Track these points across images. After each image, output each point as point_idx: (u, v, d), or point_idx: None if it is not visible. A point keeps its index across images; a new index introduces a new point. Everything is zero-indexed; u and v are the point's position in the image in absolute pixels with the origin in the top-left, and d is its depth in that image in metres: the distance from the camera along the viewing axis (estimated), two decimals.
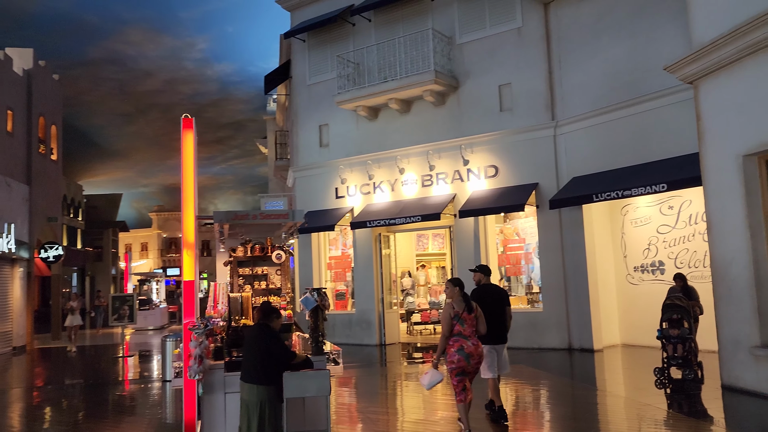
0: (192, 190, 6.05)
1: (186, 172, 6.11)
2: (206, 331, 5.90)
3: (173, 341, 11.68)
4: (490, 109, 14.92)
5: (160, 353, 17.51)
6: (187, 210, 6.05)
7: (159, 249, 71.05)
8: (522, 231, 15.27)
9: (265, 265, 7.15)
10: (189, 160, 6.12)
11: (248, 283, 7.14)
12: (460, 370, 6.38)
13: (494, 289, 7.76)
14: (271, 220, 6.50)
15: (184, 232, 6.03)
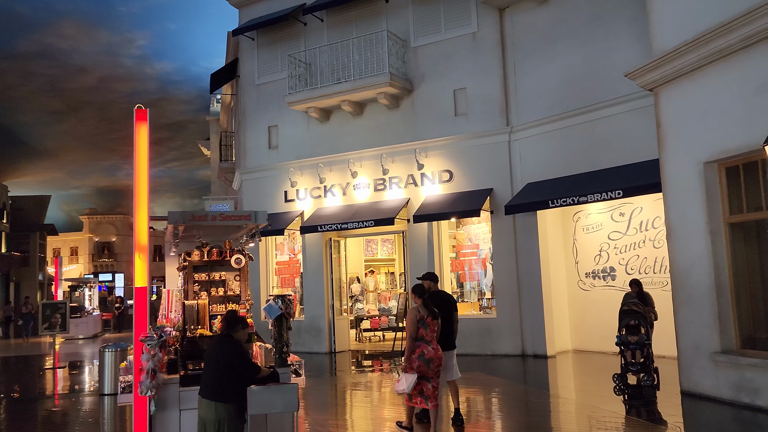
0: (145, 189, 5.55)
1: (139, 169, 5.59)
2: (160, 343, 5.38)
3: (113, 352, 10.91)
4: (445, 114, 14.79)
5: (93, 364, 16.52)
6: (139, 210, 5.53)
7: (90, 254, 68.07)
8: (475, 237, 15.19)
9: (223, 270, 6.65)
10: (142, 155, 5.60)
11: (204, 290, 6.62)
12: (420, 374, 6.60)
13: (444, 296, 7.85)
14: (232, 222, 6.04)
15: (137, 234, 5.50)
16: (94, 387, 12.24)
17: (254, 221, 6.09)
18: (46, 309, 15.21)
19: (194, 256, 6.50)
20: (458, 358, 7.66)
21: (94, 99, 44.50)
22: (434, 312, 6.76)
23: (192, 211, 5.97)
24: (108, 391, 10.85)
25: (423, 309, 6.73)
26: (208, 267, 6.61)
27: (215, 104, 28.97)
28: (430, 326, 6.69)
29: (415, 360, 6.61)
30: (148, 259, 5.41)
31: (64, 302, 15.44)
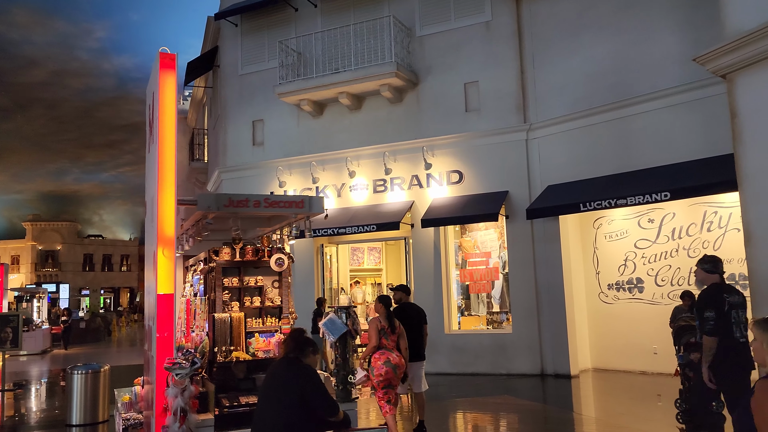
0: (172, 162, 4.07)
1: (164, 136, 4.12)
2: (192, 372, 3.86)
3: (82, 375, 9.12)
4: (454, 109, 13.55)
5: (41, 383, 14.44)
6: (164, 190, 4.07)
7: (33, 263, 64.06)
8: (482, 244, 13.96)
9: (260, 274, 5.15)
10: (169, 117, 4.17)
11: (235, 299, 5.09)
12: (387, 382, 6.51)
13: (414, 308, 7.96)
14: (280, 210, 4.57)
15: (160, 222, 4.01)
16: (56, 415, 10.37)
17: (308, 209, 4.64)
18: None
19: (223, 254, 4.98)
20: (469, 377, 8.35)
21: (44, 95, 41.54)
22: (393, 325, 6.84)
23: (229, 195, 4.47)
24: (76, 422, 9.06)
25: (384, 320, 6.76)
26: (239, 270, 5.10)
27: (182, 102, 27.02)
28: (390, 337, 6.76)
29: (382, 366, 6.46)
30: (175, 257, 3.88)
31: (16, 314, 13.39)
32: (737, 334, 5.48)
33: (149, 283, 4.65)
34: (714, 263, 5.71)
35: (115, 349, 25.33)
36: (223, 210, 4.50)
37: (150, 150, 4.87)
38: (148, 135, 5.05)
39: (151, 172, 4.58)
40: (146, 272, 5.00)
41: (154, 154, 4.27)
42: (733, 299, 5.57)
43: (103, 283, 67.74)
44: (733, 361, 5.41)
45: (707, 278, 5.71)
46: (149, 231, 4.71)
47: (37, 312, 24.49)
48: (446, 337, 13.15)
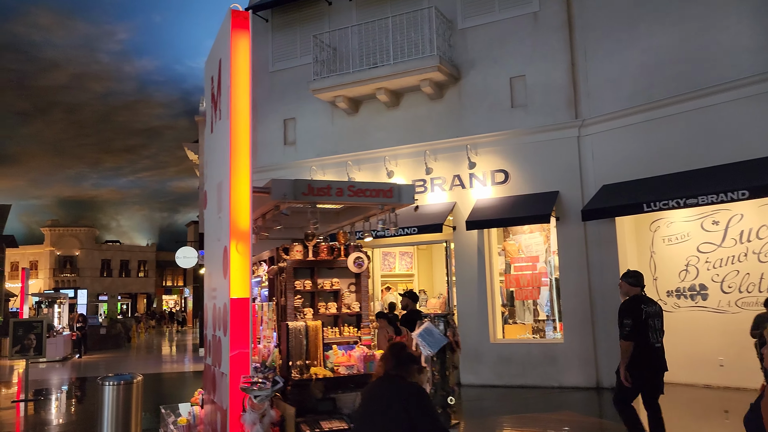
0: (246, 140, 3.36)
1: (238, 107, 3.41)
2: (273, 393, 3.14)
3: (114, 386, 8.43)
4: (499, 105, 12.82)
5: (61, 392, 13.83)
6: (238, 174, 3.35)
7: (51, 268, 64.01)
8: (527, 248, 13.19)
9: (335, 276, 4.45)
10: (244, 84, 3.42)
11: (309, 305, 4.38)
12: None
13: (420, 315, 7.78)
14: (366, 200, 3.87)
15: (233, 212, 3.33)
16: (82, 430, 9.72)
17: (397, 199, 3.94)
18: (18, 328, 12.56)
19: (294, 253, 4.28)
20: (517, 390, 7.91)
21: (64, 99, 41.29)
22: (399, 329, 6.89)
23: (309, 181, 3.78)
24: None
25: (390, 328, 6.91)
26: (311, 271, 4.39)
27: (204, 104, 26.49)
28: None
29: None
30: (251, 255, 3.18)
31: (40, 321, 12.81)
32: (653, 339, 6.25)
33: (214, 284, 3.96)
34: (636, 278, 6.48)
35: (136, 356, 24.77)
36: (301, 199, 3.82)
37: (213, 130, 4.20)
38: (212, 112, 4.39)
39: (217, 154, 3.92)
40: (208, 272, 4.30)
41: (223, 131, 3.60)
42: (649, 309, 6.31)
43: (121, 288, 67.55)
44: (648, 363, 6.20)
45: (630, 290, 6.43)
46: (212, 224, 4.04)
47: (58, 318, 24.01)
48: (491, 346, 12.38)
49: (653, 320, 6.28)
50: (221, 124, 3.84)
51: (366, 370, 4.22)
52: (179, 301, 73.08)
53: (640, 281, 6.46)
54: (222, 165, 3.73)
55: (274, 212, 4.05)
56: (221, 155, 3.74)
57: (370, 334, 4.50)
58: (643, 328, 6.16)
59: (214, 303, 4.06)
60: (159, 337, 39.42)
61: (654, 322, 6.28)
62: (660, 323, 6.39)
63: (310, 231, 4.30)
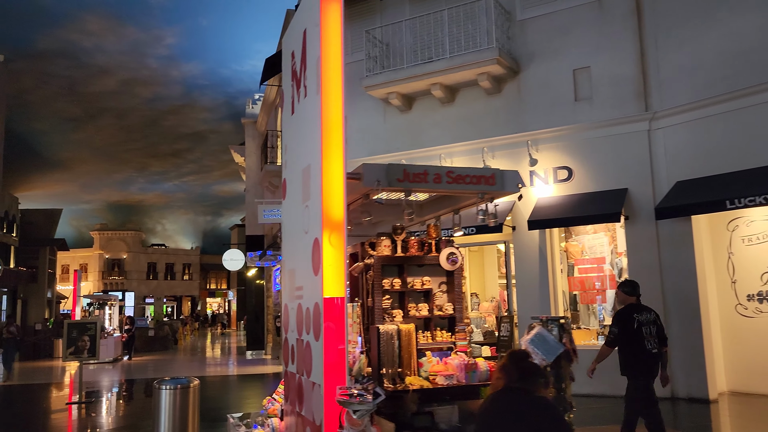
0: (339, 120, 2.96)
1: (329, 82, 3.01)
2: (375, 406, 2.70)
3: (171, 391, 8.16)
4: (562, 99, 12.21)
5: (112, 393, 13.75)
6: (330, 157, 2.93)
7: (100, 271, 65.48)
8: (590, 249, 12.51)
9: (425, 275, 4.00)
10: (335, 57, 3.02)
11: (396, 305, 3.94)
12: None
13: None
14: (466, 188, 3.41)
15: (326, 200, 2.91)
16: None
17: (500, 187, 3.47)
18: (72, 330, 12.51)
19: (382, 248, 3.85)
20: (584, 399, 7.92)
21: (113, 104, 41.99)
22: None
23: (404, 165, 3.34)
24: None
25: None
26: (400, 268, 3.95)
27: (251, 106, 26.51)
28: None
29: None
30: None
31: (94, 322, 12.74)
32: (649, 346, 6.48)
33: (300, 282, 3.55)
34: (632, 287, 6.73)
35: (184, 358, 24.82)
36: (395, 186, 3.40)
37: (296, 111, 3.81)
38: (293, 92, 4.00)
39: (302, 136, 3.52)
40: (290, 269, 3.87)
41: (311, 109, 3.20)
42: (642, 318, 6.54)
43: (166, 291, 68.69)
44: (641, 368, 6.45)
45: (626, 299, 6.72)
46: (295, 214, 3.65)
47: (109, 320, 24.24)
48: None
49: (647, 328, 6.51)
50: (307, 102, 3.45)
51: (467, 381, 3.75)
52: (222, 304, 73.87)
53: (635, 290, 6.74)
54: (310, 147, 3.33)
55: (362, 201, 3.63)
56: (309, 136, 3.34)
57: (466, 339, 4.05)
58: (636, 336, 6.44)
59: (299, 303, 3.64)
60: (204, 339, 39.72)
61: (649, 329, 6.52)
62: (656, 330, 6.59)
63: (398, 224, 3.88)
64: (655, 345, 6.52)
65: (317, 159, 3.10)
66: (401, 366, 3.71)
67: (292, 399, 3.82)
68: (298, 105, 3.87)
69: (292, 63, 3.97)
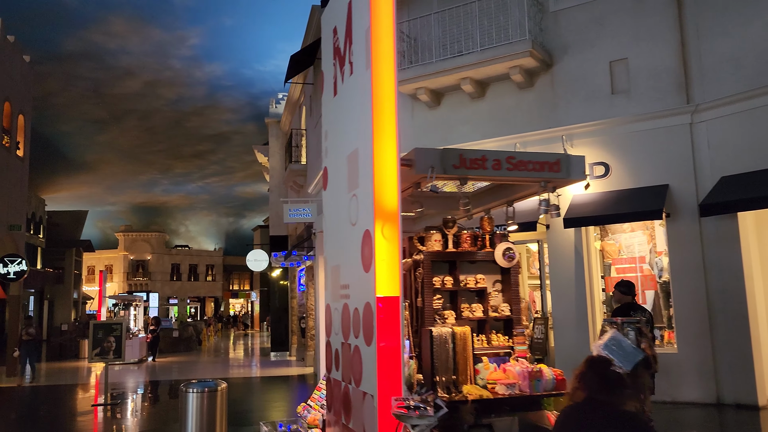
0: (392, 98, 2.61)
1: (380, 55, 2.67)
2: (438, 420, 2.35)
3: (198, 394, 7.91)
4: (597, 92, 11.76)
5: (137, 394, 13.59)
6: (382, 140, 2.61)
7: (125, 272, 66.09)
8: (627, 248, 12.03)
9: (479, 272, 3.66)
10: (387, 27, 2.67)
11: (448, 306, 3.60)
12: None
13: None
14: (528, 175, 3.06)
15: (378, 188, 2.61)
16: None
17: (565, 174, 3.12)
18: (98, 331, 12.37)
19: (432, 243, 3.52)
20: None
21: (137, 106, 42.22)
22: None
23: (460, 150, 3.01)
24: None
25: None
26: (452, 265, 3.61)
27: (275, 105, 26.33)
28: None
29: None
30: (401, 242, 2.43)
31: (119, 323, 12.59)
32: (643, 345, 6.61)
33: (346, 280, 3.22)
34: (628, 287, 7.02)
35: (208, 359, 24.72)
36: (451, 173, 3.06)
37: (339, 92, 3.49)
38: (335, 71, 3.68)
39: (347, 118, 3.20)
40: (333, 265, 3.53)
41: (359, 88, 2.89)
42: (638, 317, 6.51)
43: (189, 292, 69.11)
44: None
45: (622, 298, 6.96)
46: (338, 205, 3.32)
47: (134, 320, 24.24)
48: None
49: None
50: (354, 79, 3.13)
51: (531, 390, 3.40)
52: (245, 305, 74.09)
53: (631, 290, 7.02)
54: (358, 129, 3.01)
55: (411, 191, 3.30)
56: (356, 117, 3.02)
57: (525, 344, 3.70)
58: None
59: (344, 303, 3.31)
60: (227, 340, 39.72)
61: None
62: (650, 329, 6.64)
63: (449, 216, 3.55)
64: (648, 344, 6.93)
65: (367, 142, 2.78)
66: (456, 373, 3.37)
67: (337, 409, 3.48)
68: (341, 85, 3.55)
69: (334, 40, 3.66)
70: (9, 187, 18.10)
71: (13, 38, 18.52)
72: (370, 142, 2.78)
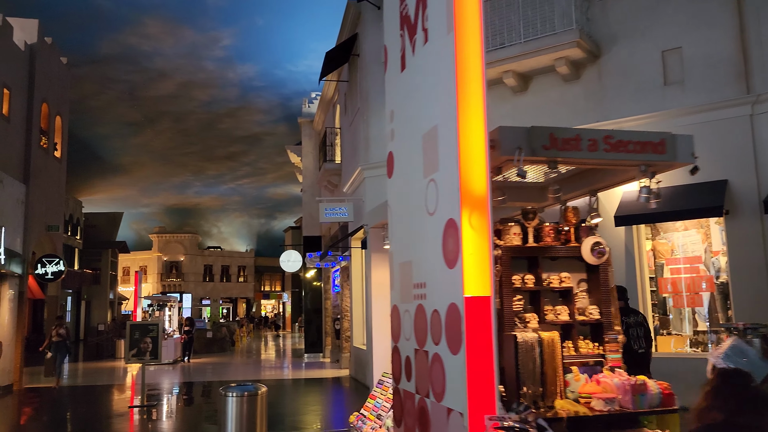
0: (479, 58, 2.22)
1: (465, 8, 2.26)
2: None
3: (238, 398, 7.65)
4: (649, 83, 11.19)
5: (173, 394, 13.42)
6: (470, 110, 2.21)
7: (159, 273, 66.88)
8: (681, 248, 11.42)
9: (563, 270, 3.26)
10: None
11: (529, 308, 3.21)
12: None
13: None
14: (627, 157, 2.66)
15: (464, 169, 2.20)
16: None
17: (671, 157, 2.75)
18: (135, 331, 12.23)
19: (511, 236, 3.13)
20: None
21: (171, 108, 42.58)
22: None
23: (549, 128, 2.62)
24: None
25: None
26: (532, 262, 3.22)
27: (308, 105, 26.16)
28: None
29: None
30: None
31: (156, 324, 12.44)
32: (635, 346, 6.86)
33: (423, 277, 2.84)
34: (620, 291, 6.67)
35: (242, 361, 24.62)
36: (541, 155, 2.69)
37: (409, 66, 3.14)
38: (404, 42, 3.33)
39: (421, 94, 2.86)
40: (404, 261, 3.12)
41: (437, 57, 2.54)
42: (630, 320, 6.96)
43: (222, 293, 69.63)
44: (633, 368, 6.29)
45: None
46: (409, 194, 2.98)
47: (168, 321, 24.28)
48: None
49: (635, 329, 6.98)
50: (431, 47, 2.77)
51: (634, 407, 2.98)
52: (277, 306, 74.38)
53: (623, 295, 7.00)
54: (437, 104, 2.65)
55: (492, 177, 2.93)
56: (434, 90, 2.65)
57: (619, 352, 3.28)
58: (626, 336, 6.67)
59: (419, 305, 2.95)
60: (259, 341, 39.75)
61: (636, 331, 6.99)
62: (643, 331, 7.07)
63: (529, 206, 3.17)
64: (642, 345, 7.00)
65: (450, 116, 2.41)
66: (543, 385, 2.97)
67: (410, 425, 3.09)
68: (412, 58, 3.19)
69: (402, 8, 3.31)
70: (47, 188, 18.21)
71: (50, 40, 18.64)
72: (453, 117, 2.41)
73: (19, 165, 16.44)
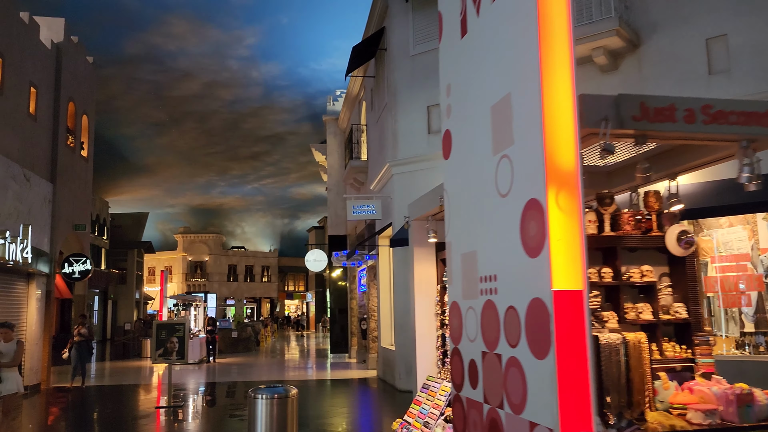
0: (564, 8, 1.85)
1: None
2: None
3: (268, 401, 7.36)
4: (693, 73, 10.67)
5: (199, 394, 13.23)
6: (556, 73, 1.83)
7: (183, 273, 67.35)
8: (725, 245, 10.88)
9: (643, 262, 2.88)
10: None
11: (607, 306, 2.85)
12: None
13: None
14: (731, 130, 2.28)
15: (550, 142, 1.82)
16: None
17: None
18: (161, 331, 12.05)
19: (586, 224, 2.75)
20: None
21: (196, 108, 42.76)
22: None
23: (638, 96, 2.26)
24: None
25: None
26: (610, 254, 2.85)
27: (332, 103, 25.91)
28: None
29: None
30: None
31: (182, 323, 12.25)
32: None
33: (493, 269, 2.49)
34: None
35: (267, 361, 24.46)
36: (629, 126, 2.34)
37: (469, 31, 2.80)
38: (465, 5, 2.99)
39: (488, 59, 2.53)
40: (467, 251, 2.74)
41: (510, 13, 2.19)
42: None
43: (246, 293, 69.90)
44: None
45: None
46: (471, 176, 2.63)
47: (194, 321, 24.21)
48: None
49: None
50: (500, 6, 2.42)
51: (740, 420, 2.62)
52: (300, 306, 74.44)
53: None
54: (511, 68, 2.30)
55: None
56: (506, 52, 2.31)
57: (710, 356, 2.92)
58: None
59: (487, 300, 2.60)
60: (283, 341, 39.66)
61: None
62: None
63: (605, 190, 2.81)
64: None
65: (530, 79, 2.05)
66: (629, 393, 2.62)
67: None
68: (476, 20, 2.84)
69: None
70: (74, 187, 18.19)
71: (76, 39, 18.63)
72: (535, 80, 2.05)
73: (46, 164, 16.42)
